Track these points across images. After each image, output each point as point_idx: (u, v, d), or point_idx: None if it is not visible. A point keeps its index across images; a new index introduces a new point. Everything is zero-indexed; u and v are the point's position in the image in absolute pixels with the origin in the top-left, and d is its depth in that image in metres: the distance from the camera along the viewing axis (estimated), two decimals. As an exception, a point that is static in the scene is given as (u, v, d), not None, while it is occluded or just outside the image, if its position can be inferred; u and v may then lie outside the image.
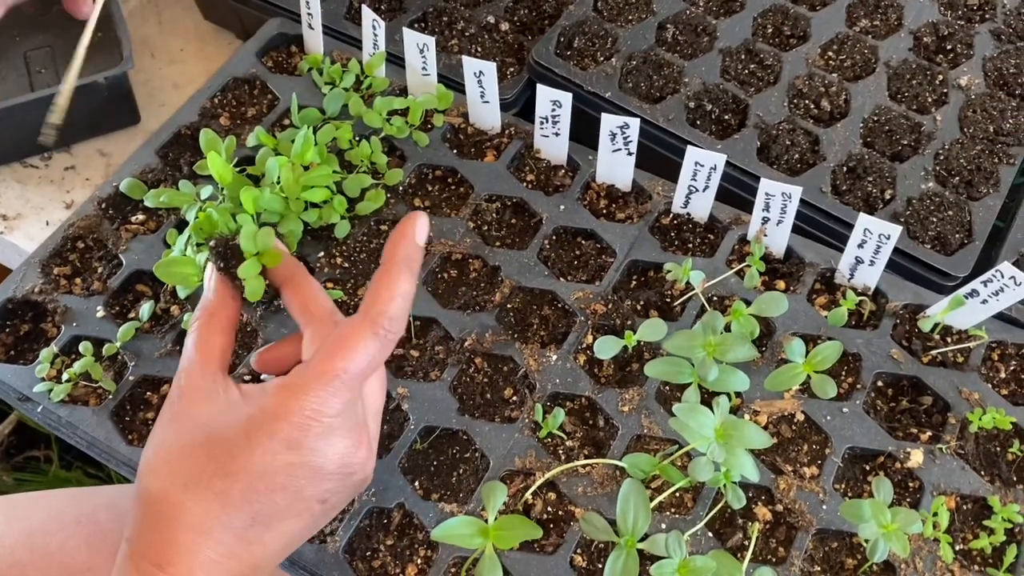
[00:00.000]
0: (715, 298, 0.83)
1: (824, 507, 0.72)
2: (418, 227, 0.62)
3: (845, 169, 0.93)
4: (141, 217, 0.88)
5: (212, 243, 0.66)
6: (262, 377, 0.72)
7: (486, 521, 0.63)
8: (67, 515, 0.82)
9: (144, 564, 0.56)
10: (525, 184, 0.90)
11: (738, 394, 0.77)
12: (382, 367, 0.66)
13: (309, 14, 0.95)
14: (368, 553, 0.70)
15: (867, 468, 0.75)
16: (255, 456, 0.57)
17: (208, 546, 0.56)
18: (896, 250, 0.81)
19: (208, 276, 0.66)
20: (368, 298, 0.60)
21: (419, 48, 0.90)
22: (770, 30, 1.05)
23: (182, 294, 0.81)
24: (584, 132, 0.90)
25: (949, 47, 1.03)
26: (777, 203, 0.81)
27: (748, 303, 0.77)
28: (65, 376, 0.77)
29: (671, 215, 0.88)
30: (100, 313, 0.81)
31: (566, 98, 0.85)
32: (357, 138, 0.90)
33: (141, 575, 0.56)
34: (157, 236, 0.86)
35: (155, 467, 0.59)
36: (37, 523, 0.81)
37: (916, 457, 0.74)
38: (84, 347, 0.78)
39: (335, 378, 0.57)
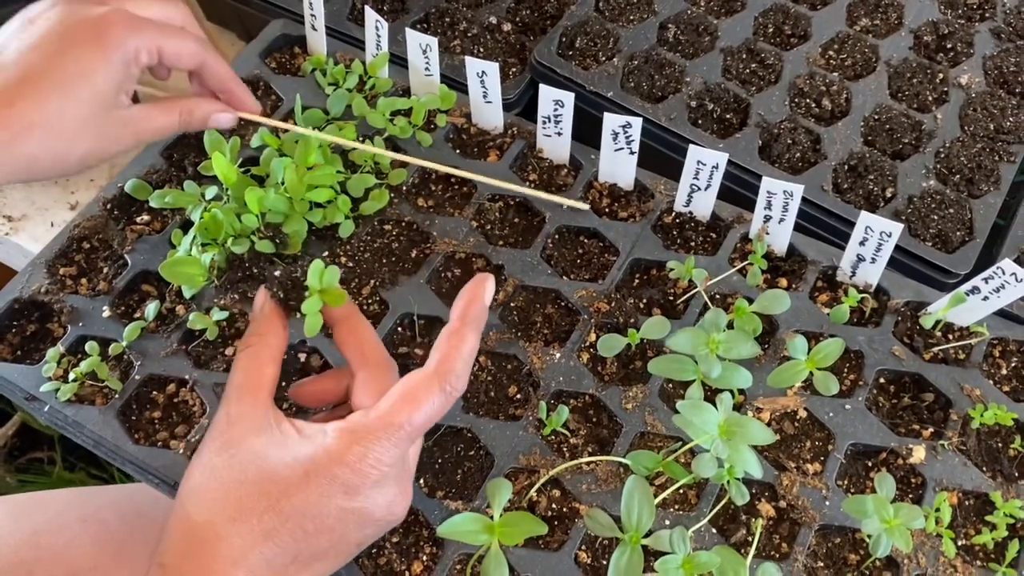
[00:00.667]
0: (718, 296, 0.83)
1: (827, 503, 0.72)
2: (487, 288, 0.64)
3: (846, 167, 0.93)
4: (146, 218, 0.88)
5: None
6: (309, 412, 0.73)
7: (491, 518, 0.64)
8: (72, 514, 0.83)
9: None
10: (528, 183, 0.90)
11: (741, 391, 0.77)
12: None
13: (312, 15, 0.96)
14: (374, 550, 0.71)
15: (869, 464, 0.76)
16: (311, 497, 0.57)
17: None
18: (897, 248, 0.82)
19: (260, 303, 0.66)
20: (438, 354, 0.61)
21: (422, 49, 0.90)
22: (771, 29, 1.05)
23: (187, 294, 0.81)
24: (586, 131, 0.90)
25: (949, 46, 1.04)
26: (779, 201, 0.81)
27: (750, 301, 0.77)
28: (71, 376, 0.77)
29: (673, 214, 0.89)
30: (106, 313, 0.81)
31: (568, 98, 0.85)
32: (361, 138, 0.90)
33: None
34: (162, 236, 0.86)
35: (201, 495, 0.58)
36: (42, 522, 0.82)
37: (918, 453, 0.75)
38: (90, 347, 0.78)
39: (399, 428, 0.58)
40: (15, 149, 0.66)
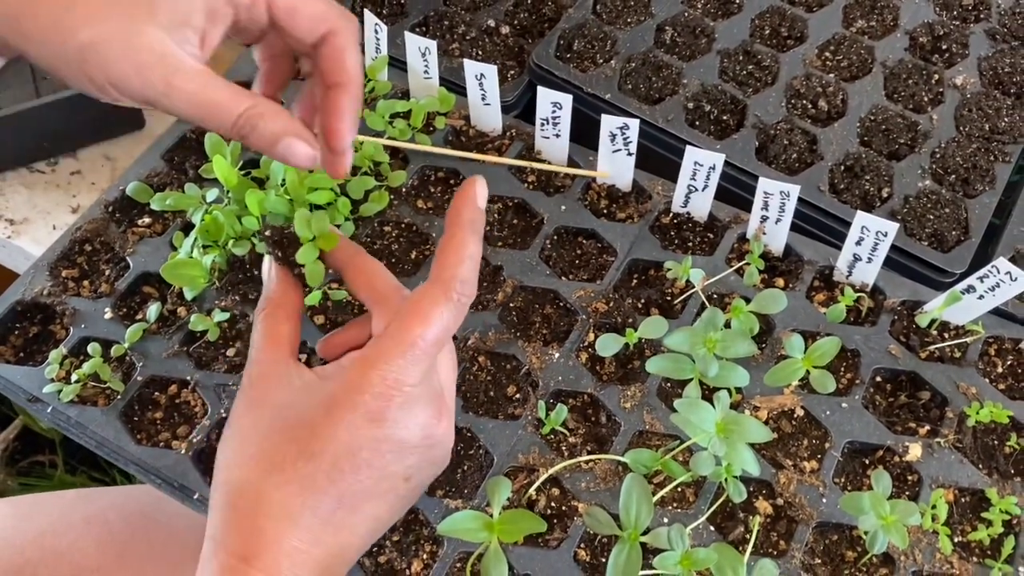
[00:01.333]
0: (715, 296, 0.84)
1: (824, 500, 0.73)
2: (479, 191, 0.61)
3: (843, 168, 0.94)
4: (147, 220, 0.89)
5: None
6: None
7: (491, 516, 0.64)
8: (76, 515, 0.83)
9: (228, 558, 0.54)
10: (526, 185, 0.91)
11: (738, 390, 0.78)
12: (451, 343, 0.65)
13: (312, 19, 0.96)
14: (374, 548, 0.71)
15: (866, 462, 0.76)
16: (338, 432, 0.55)
17: (294, 534, 0.55)
18: (894, 247, 0.82)
19: (267, 268, 0.65)
20: (438, 264, 0.58)
21: (421, 52, 0.91)
22: (767, 31, 1.06)
23: (189, 296, 0.82)
24: (584, 133, 0.91)
25: (945, 47, 1.05)
26: (776, 202, 0.82)
27: (748, 300, 0.78)
28: (74, 377, 0.78)
29: (671, 214, 0.89)
30: (108, 315, 0.82)
31: (566, 100, 0.86)
32: (360, 141, 0.91)
33: (226, 570, 0.54)
34: (163, 239, 0.87)
35: (234, 459, 0.57)
36: (46, 523, 0.82)
37: (915, 451, 0.75)
38: (93, 348, 0.79)
39: (412, 345, 0.56)
40: None
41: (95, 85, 0.54)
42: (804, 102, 0.99)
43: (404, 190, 0.90)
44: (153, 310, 0.81)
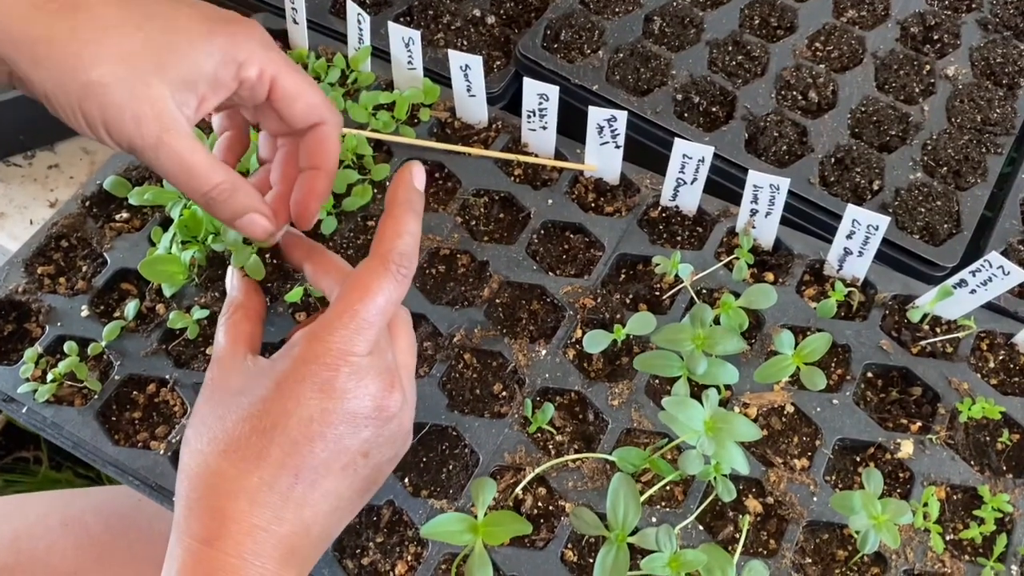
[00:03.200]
0: (704, 291, 0.83)
1: (815, 499, 0.72)
2: (415, 173, 0.63)
3: (833, 160, 0.93)
4: (126, 215, 0.87)
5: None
6: None
7: (476, 517, 0.63)
8: (53, 518, 0.82)
9: (190, 542, 0.55)
10: (513, 178, 0.89)
11: (728, 387, 0.77)
12: (410, 329, 0.67)
13: (294, 8, 0.95)
14: (358, 551, 0.70)
15: (857, 459, 0.75)
16: (288, 405, 0.56)
17: (254, 512, 0.55)
18: (885, 241, 0.81)
19: (230, 276, 0.70)
20: (376, 240, 0.61)
21: (404, 42, 0.89)
22: (757, 21, 1.05)
23: (167, 292, 0.80)
24: (572, 125, 0.89)
25: (936, 37, 1.03)
26: (765, 195, 0.81)
27: (737, 295, 0.77)
28: (50, 376, 0.76)
29: (659, 208, 0.88)
30: (85, 312, 0.80)
31: (553, 91, 0.84)
32: (343, 134, 0.89)
33: (189, 554, 0.55)
34: (142, 234, 0.85)
35: (193, 444, 0.59)
36: (22, 527, 0.81)
37: (906, 448, 0.74)
38: (69, 347, 0.77)
39: (355, 315, 0.58)
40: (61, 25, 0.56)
41: (88, 122, 0.57)
42: (794, 93, 0.97)
43: (388, 184, 0.88)
44: (131, 307, 0.80)
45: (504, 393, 0.77)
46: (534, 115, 0.87)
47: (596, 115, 0.83)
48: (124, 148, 0.59)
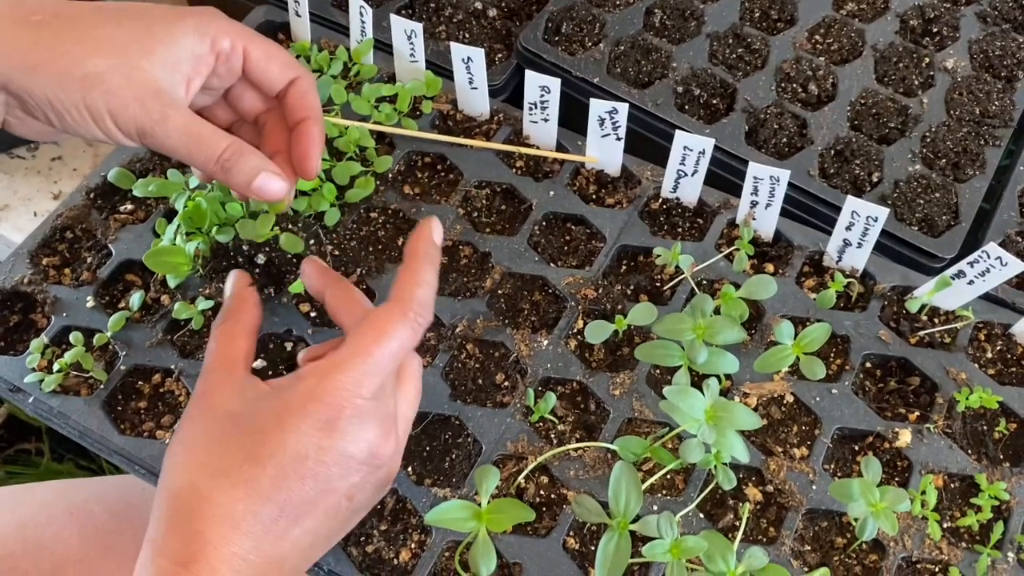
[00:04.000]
0: (704, 282, 0.83)
1: (814, 487, 0.72)
2: (434, 228, 0.64)
3: (833, 152, 0.93)
4: (130, 207, 0.87)
5: None
6: None
7: (479, 505, 0.64)
8: (58, 506, 0.82)
9: (165, 563, 0.54)
10: (514, 170, 0.90)
11: (728, 376, 0.77)
12: (419, 380, 0.66)
13: (296, 1, 0.95)
14: (362, 539, 0.71)
15: (856, 448, 0.76)
16: (287, 438, 0.56)
17: (234, 540, 0.54)
18: (884, 232, 0.82)
19: (231, 282, 0.67)
20: (396, 288, 0.61)
21: (407, 35, 0.90)
22: (757, 14, 1.05)
23: (172, 283, 0.81)
24: (573, 118, 0.90)
25: (935, 30, 1.04)
26: (765, 187, 0.81)
27: (737, 286, 0.77)
28: (56, 366, 0.76)
29: (660, 200, 0.88)
30: (90, 303, 0.81)
31: (555, 84, 0.85)
32: (346, 126, 0.89)
33: (164, 575, 0.54)
34: (146, 226, 0.85)
35: (180, 461, 0.57)
36: (28, 515, 0.81)
37: (904, 437, 0.75)
38: (75, 337, 0.78)
39: (368, 357, 0.57)
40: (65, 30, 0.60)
41: (93, 114, 0.59)
42: (794, 86, 0.98)
43: (390, 175, 0.89)
44: (136, 298, 0.80)
45: (506, 383, 0.78)
46: (535, 107, 0.88)
47: (597, 107, 0.83)
48: (131, 134, 0.60)
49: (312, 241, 0.84)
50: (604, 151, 0.88)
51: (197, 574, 0.53)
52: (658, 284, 0.83)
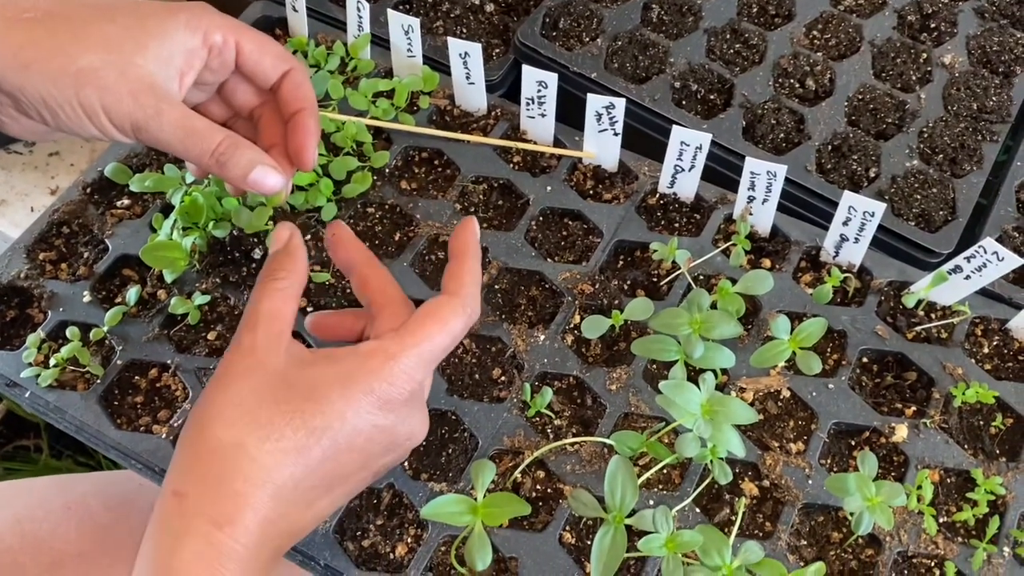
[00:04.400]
0: (701, 277, 0.83)
1: (810, 482, 0.73)
2: (472, 227, 0.66)
3: (830, 147, 0.93)
4: (126, 202, 0.87)
5: None
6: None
7: (475, 499, 0.64)
8: (55, 501, 0.82)
9: (200, 523, 0.53)
10: (512, 165, 0.90)
11: (724, 371, 0.77)
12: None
13: (293, -4, 0.95)
14: (358, 533, 0.71)
15: (852, 443, 0.76)
16: (347, 413, 0.57)
17: (270, 505, 0.55)
18: (881, 227, 0.82)
19: (285, 237, 0.66)
20: (452, 282, 0.63)
21: (404, 30, 0.90)
22: (755, 9, 1.05)
23: (168, 278, 0.81)
24: (570, 113, 0.90)
25: (933, 25, 1.04)
26: (762, 182, 0.81)
27: (734, 281, 0.77)
28: (52, 361, 0.77)
29: (657, 195, 0.88)
30: (87, 298, 0.81)
31: (552, 79, 0.85)
32: (343, 121, 0.89)
33: (196, 537, 0.53)
34: (143, 221, 0.85)
35: (229, 417, 0.56)
36: (25, 510, 0.81)
37: (901, 432, 0.75)
38: (71, 332, 0.78)
39: (430, 344, 0.60)
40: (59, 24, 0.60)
41: (87, 111, 0.59)
42: (791, 81, 0.98)
43: (387, 171, 0.89)
44: (132, 293, 0.80)
45: (503, 378, 0.78)
46: (533, 102, 0.88)
47: (595, 102, 0.83)
48: (125, 129, 0.60)
49: (308, 236, 0.84)
50: (601, 146, 0.88)
51: (231, 535, 0.53)
52: (655, 279, 0.83)
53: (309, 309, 0.80)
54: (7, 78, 0.58)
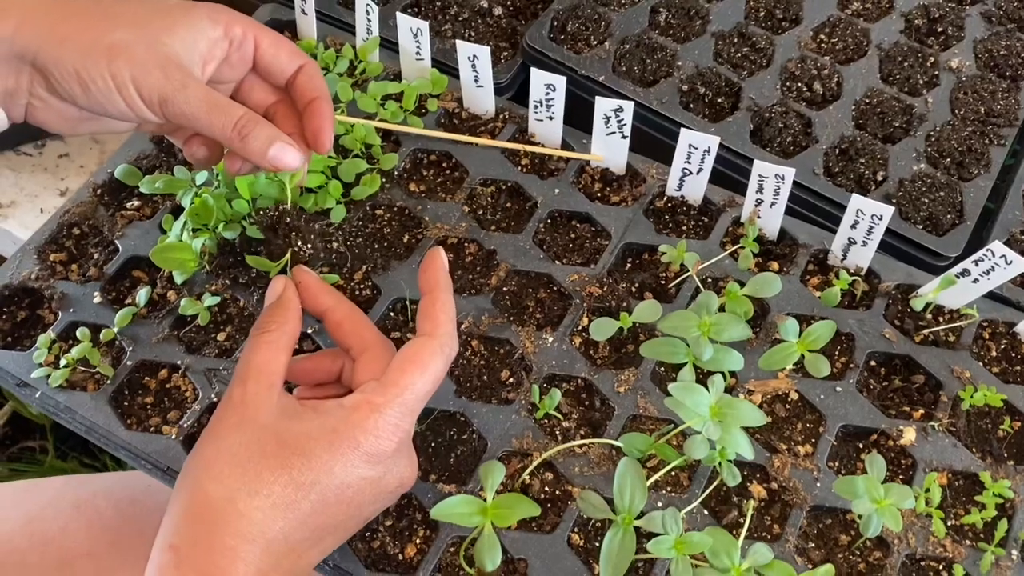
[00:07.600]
0: (709, 280, 0.83)
1: (818, 484, 0.73)
2: (439, 257, 0.67)
3: (838, 151, 0.93)
4: (136, 203, 0.88)
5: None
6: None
7: (484, 500, 0.64)
8: (65, 501, 0.83)
9: (191, 574, 0.55)
10: (520, 168, 0.90)
11: (732, 374, 0.77)
12: None
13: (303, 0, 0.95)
14: (367, 534, 0.71)
15: (860, 446, 0.76)
16: (335, 467, 0.58)
17: (261, 558, 0.56)
18: (888, 231, 0.82)
19: (279, 290, 0.68)
20: (427, 322, 0.64)
21: (413, 33, 0.90)
22: (762, 13, 1.05)
23: (178, 279, 0.81)
24: (578, 116, 0.90)
25: (940, 29, 1.04)
26: (770, 185, 0.82)
27: (742, 284, 0.77)
28: (63, 362, 0.77)
29: (665, 198, 0.89)
30: (97, 299, 0.81)
31: (560, 82, 0.85)
32: (351, 123, 0.90)
33: None
34: (153, 222, 0.86)
35: (219, 471, 0.57)
36: (35, 510, 0.82)
37: (909, 435, 0.75)
38: (82, 333, 0.78)
39: (413, 393, 0.60)
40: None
41: (117, 81, 0.62)
42: (799, 85, 0.98)
43: (396, 173, 0.89)
44: (143, 294, 0.80)
45: (511, 380, 0.78)
46: (541, 105, 0.88)
47: (603, 105, 0.84)
48: (153, 102, 0.63)
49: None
50: (609, 149, 0.88)
51: None
52: (663, 282, 0.84)
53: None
54: (44, 50, 0.60)
